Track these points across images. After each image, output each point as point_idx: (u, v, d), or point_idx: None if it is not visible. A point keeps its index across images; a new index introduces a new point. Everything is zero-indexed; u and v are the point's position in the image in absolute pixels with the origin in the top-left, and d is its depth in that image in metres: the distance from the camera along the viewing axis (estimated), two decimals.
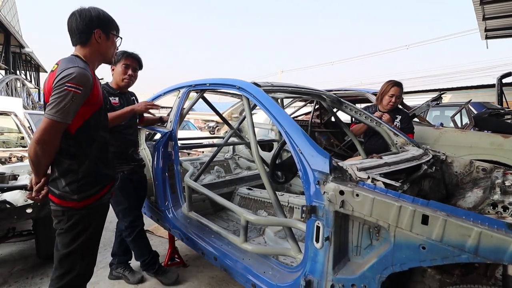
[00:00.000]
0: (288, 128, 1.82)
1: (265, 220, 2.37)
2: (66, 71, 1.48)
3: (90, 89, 1.55)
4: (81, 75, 1.49)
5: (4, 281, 2.82)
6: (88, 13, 1.62)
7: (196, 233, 2.42)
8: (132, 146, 2.70)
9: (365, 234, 1.44)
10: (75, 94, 1.46)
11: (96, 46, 1.68)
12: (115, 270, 2.88)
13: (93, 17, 1.63)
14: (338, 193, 1.44)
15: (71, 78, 1.46)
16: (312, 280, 1.57)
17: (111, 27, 1.74)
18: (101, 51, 1.72)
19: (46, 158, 1.55)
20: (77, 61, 1.56)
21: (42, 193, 1.65)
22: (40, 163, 1.56)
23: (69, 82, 1.45)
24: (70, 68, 1.48)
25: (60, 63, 1.56)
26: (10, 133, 5.35)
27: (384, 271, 1.32)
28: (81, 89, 1.48)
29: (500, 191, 2.26)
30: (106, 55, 1.77)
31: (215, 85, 2.67)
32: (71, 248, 1.64)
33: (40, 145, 1.48)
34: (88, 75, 1.53)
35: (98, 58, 1.74)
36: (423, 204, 1.25)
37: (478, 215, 1.16)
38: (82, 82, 1.48)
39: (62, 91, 1.44)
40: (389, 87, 3.17)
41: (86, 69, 1.54)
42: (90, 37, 1.64)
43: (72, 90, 1.45)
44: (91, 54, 1.68)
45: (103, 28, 1.68)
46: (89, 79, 1.53)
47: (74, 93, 1.45)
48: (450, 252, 1.13)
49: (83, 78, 1.49)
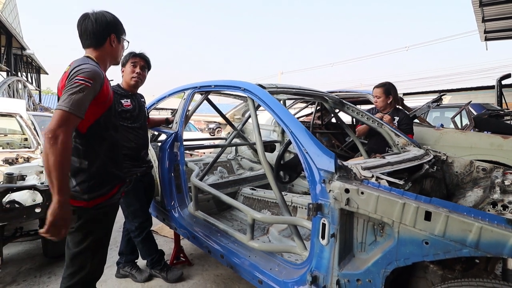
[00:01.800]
0: (294, 129, 1.87)
1: (271, 219, 2.43)
2: (78, 67, 1.52)
3: (100, 85, 1.58)
4: (93, 70, 1.53)
5: (13, 280, 2.87)
6: (104, 18, 1.68)
7: (203, 231, 2.47)
8: (144, 148, 2.74)
9: (370, 231, 1.50)
10: (86, 87, 1.48)
11: (109, 50, 1.74)
12: (122, 268, 2.93)
13: (109, 22, 1.70)
14: (343, 191, 1.49)
15: (82, 72, 1.50)
16: (318, 275, 1.62)
17: (122, 31, 1.81)
18: (112, 54, 1.78)
19: (62, 159, 1.41)
20: (89, 61, 1.62)
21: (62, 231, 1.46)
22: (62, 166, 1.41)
23: (80, 76, 1.48)
24: (83, 65, 1.54)
25: (73, 63, 1.60)
26: (14, 134, 5.38)
27: (388, 266, 1.37)
28: (92, 82, 1.50)
29: (499, 190, 2.31)
30: (116, 58, 1.85)
31: (220, 87, 2.72)
32: (81, 246, 1.66)
33: (54, 143, 1.38)
34: (99, 72, 1.58)
35: (108, 60, 1.80)
36: (426, 201, 1.31)
37: (479, 212, 1.21)
38: (93, 77, 1.52)
39: (73, 83, 1.47)
40: (373, 90, 3.45)
41: (98, 67, 1.60)
42: (105, 41, 1.71)
43: (82, 83, 1.47)
44: (103, 56, 1.74)
45: (117, 32, 1.75)
46: (100, 75, 1.58)
47: (85, 85, 1.48)
48: (452, 247, 1.18)
49: (95, 73, 1.53)
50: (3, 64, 15.42)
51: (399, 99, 3.50)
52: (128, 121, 2.56)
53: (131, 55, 2.60)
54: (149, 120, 3.03)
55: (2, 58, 15.45)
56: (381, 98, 3.36)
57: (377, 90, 3.40)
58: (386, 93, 3.35)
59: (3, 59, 15.59)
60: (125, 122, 2.54)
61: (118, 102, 2.51)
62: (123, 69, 2.62)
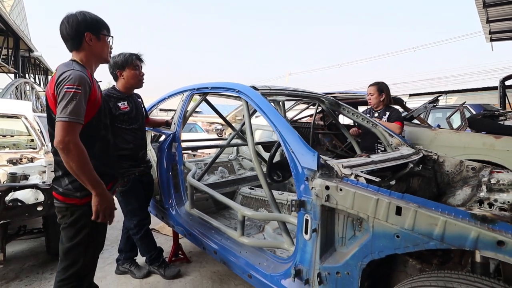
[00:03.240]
0: (282, 129, 1.96)
1: (260, 215, 2.50)
2: (62, 76, 1.58)
3: (89, 88, 1.65)
4: (77, 75, 1.59)
5: (16, 276, 2.98)
6: (75, 19, 1.70)
7: (198, 229, 2.56)
8: (143, 148, 2.82)
9: (349, 226, 1.57)
10: (76, 93, 1.55)
11: (89, 49, 1.76)
12: (121, 265, 3.03)
13: (80, 22, 1.70)
14: (324, 188, 1.57)
15: (68, 80, 1.56)
16: (302, 269, 1.70)
17: (101, 28, 1.80)
18: (95, 53, 1.79)
19: (81, 162, 1.57)
20: (73, 65, 1.66)
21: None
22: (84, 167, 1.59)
23: (68, 84, 1.55)
24: (66, 72, 1.59)
25: (58, 68, 1.66)
26: (20, 135, 5.51)
27: (364, 258, 1.45)
28: (80, 88, 1.57)
29: (486, 189, 2.38)
30: (101, 55, 1.84)
31: (216, 89, 2.80)
32: (74, 241, 1.73)
33: (67, 152, 1.53)
34: (83, 75, 1.62)
35: (94, 60, 1.82)
36: (398, 197, 1.38)
37: (446, 207, 1.27)
38: (80, 82, 1.58)
39: (64, 94, 1.55)
40: (368, 88, 3.62)
41: (82, 71, 1.64)
42: (82, 41, 1.73)
43: (72, 91, 1.55)
44: (86, 57, 1.76)
45: (92, 30, 1.75)
46: (85, 78, 1.63)
47: (74, 92, 1.55)
48: (420, 240, 1.25)
49: (80, 78, 1.59)
50: (10, 66, 15.66)
51: (391, 99, 3.60)
52: (125, 123, 2.63)
53: (132, 58, 2.64)
54: (149, 120, 3.12)
55: (10, 60, 15.68)
56: (374, 95, 3.54)
57: (371, 88, 3.58)
58: (379, 91, 3.52)
59: (11, 61, 15.83)
60: (122, 124, 2.61)
61: (115, 105, 2.58)
62: (121, 72, 2.63)
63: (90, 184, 1.63)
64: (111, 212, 1.74)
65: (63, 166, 1.64)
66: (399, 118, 3.41)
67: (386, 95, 3.52)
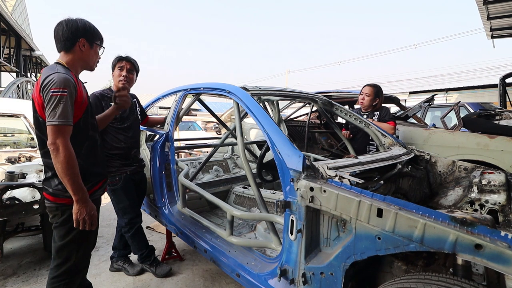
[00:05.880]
0: (269, 130, 1.96)
1: (248, 215, 2.51)
2: (47, 79, 1.62)
3: (75, 89, 1.68)
4: (61, 78, 1.62)
5: (14, 272, 3.01)
6: (75, 24, 1.78)
7: (189, 227, 2.58)
8: (135, 147, 2.85)
9: (334, 227, 1.58)
10: (63, 96, 1.60)
11: (79, 54, 1.82)
12: (115, 263, 3.05)
13: (79, 27, 1.78)
14: (308, 190, 1.58)
15: (53, 83, 1.60)
16: (287, 269, 1.71)
17: (96, 38, 1.89)
18: (83, 58, 1.86)
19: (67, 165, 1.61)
20: (58, 67, 1.70)
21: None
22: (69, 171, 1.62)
23: (53, 88, 1.59)
24: (50, 76, 1.62)
25: (43, 72, 1.70)
26: (21, 134, 5.53)
27: (347, 259, 1.45)
28: (66, 90, 1.61)
29: (477, 190, 2.38)
30: (88, 62, 1.90)
31: (208, 89, 2.81)
32: (66, 239, 1.77)
33: (56, 153, 1.59)
34: (68, 77, 1.65)
35: (80, 64, 1.87)
36: (380, 199, 1.38)
37: (427, 209, 1.28)
38: (65, 85, 1.61)
39: (50, 98, 1.59)
40: (362, 88, 3.54)
41: (66, 73, 1.67)
42: (74, 44, 1.79)
43: (59, 94, 1.59)
44: (73, 60, 1.82)
45: (88, 37, 1.83)
46: (70, 80, 1.66)
47: (60, 95, 1.59)
48: (400, 242, 1.26)
49: (65, 81, 1.62)
50: (12, 65, 15.73)
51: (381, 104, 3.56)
52: (117, 123, 2.66)
53: (118, 59, 2.72)
54: (148, 119, 3.16)
55: (11, 59, 15.76)
56: (370, 97, 3.46)
57: (369, 88, 3.49)
58: (375, 95, 3.46)
59: (13, 60, 15.90)
60: (114, 124, 2.64)
61: (107, 105, 2.59)
62: (113, 73, 2.73)
63: (72, 189, 1.65)
64: (92, 221, 1.76)
65: (52, 167, 1.68)
66: (391, 118, 3.39)
67: (380, 100, 3.49)
